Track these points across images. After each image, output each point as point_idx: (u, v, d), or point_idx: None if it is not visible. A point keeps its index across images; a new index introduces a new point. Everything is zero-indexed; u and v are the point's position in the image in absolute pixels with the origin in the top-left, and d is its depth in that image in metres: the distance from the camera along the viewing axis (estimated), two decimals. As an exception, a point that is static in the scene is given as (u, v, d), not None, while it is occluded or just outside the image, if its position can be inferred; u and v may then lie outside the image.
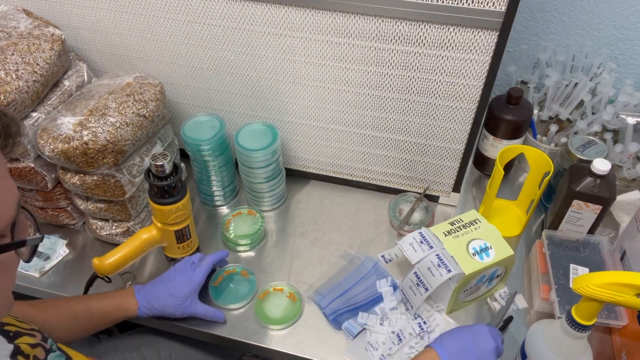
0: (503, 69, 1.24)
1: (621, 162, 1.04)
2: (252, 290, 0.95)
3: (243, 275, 0.98)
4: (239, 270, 0.98)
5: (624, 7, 1.11)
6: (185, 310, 0.87)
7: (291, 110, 1.04)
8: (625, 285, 0.61)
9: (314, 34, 0.89)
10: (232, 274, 0.98)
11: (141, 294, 0.87)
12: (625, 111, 1.09)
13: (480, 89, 0.89)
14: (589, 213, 0.93)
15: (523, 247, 1.04)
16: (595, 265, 0.92)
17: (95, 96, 0.92)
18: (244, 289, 0.96)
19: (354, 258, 1.01)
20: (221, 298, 0.94)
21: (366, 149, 1.07)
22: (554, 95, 1.13)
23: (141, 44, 1.01)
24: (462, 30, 0.81)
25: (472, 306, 0.94)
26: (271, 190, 1.07)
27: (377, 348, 0.87)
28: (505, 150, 0.99)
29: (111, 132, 0.87)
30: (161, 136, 1.02)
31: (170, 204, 0.87)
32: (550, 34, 1.20)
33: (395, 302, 0.92)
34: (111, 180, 0.91)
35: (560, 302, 0.86)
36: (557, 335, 0.71)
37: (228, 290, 0.96)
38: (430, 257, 0.86)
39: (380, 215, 1.10)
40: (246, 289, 0.96)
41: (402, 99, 0.95)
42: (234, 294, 0.95)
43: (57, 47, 0.93)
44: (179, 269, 0.90)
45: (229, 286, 0.97)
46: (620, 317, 0.85)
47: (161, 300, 0.86)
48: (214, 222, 1.10)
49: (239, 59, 0.97)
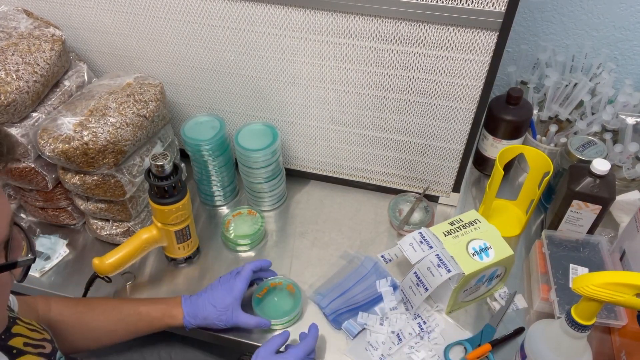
0: (503, 69, 1.24)
1: (621, 162, 1.04)
2: (297, 306, 0.90)
3: (288, 290, 0.94)
4: (285, 284, 0.94)
5: (624, 7, 1.11)
6: (228, 321, 0.85)
7: (291, 111, 1.04)
8: (624, 285, 0.62)
9: (313, 34, 0.89)
10: (277, 287, 0.94)
11: (187, 304, 0.86)
12: (625, 111, 1.09)
13: (480, 89, 0.89)
14: (588, 213, 0.94)
15: (523, 247, 1.04)
16: (594, 265, 0.92)
17: (95, 96, 0.92)
18: (288, 305, 0.92)
19: (354, 258, 1.01)
20: (264, 311, 0.90)
21: (366, 149, 1.07)
22: (553, 95, 1.13)
23: (141, 44, 1.01)
24: (461, 30, 0.81)
25: (472, 306, 0.94)
26: (271, 190, 1.07)
27: (377, 348, 0.87)
28: (505, 150, 0.99)
29: (111, 133, 0.87)
30: (161, 136, 1.02)
31: (170, 204, 0.87)
32: (550, 34, 1.20)
33: (395, 302, 0.93)
34: (111, 180, 0.91)
35: (559, 302, 0.86)
36: (557, 335, 0.71)
37: (272, 303, 0.92)
38: (430, 257, 0.86)
39: (380, 215, 1.10)
40: (290, 305, 0.92)
41: (402, 99, 0.95)
42: (277, 308, 0.92)
43: (57, 48, 0.93)
44: (223, 279, 0.88)
45: (273, 300, 0.93)
46: (619, 317, 0.85)
47: (204, 311, 0.85)
48: (214, 222, 1.11)
49: (239, 59, 0.97)
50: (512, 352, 0.87)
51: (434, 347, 0.87)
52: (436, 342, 0.88)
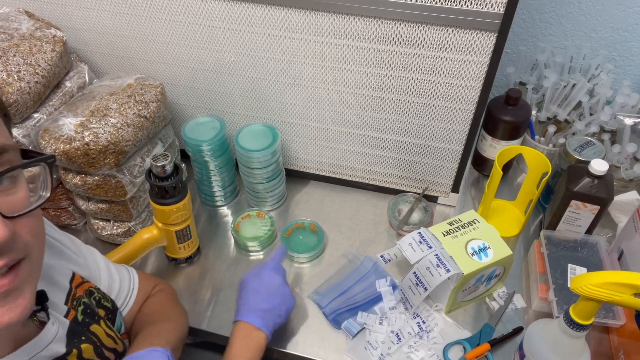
0: (501, 70, 1.24)
1: (619, 162, 1.05)
2: (320, 242, 1.02)
3: (311, 229, 1.06)
4: (307, 224, 1.06)
5: (622, 8, 1.11)
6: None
7: (291, 111, 1.04)
8: (622, 284, 0.62)
9: (313, 35, 0.89)
10: (300, 227, 1.05)
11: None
12: (623, 112, 1.09)
13: (478, 90, 0.89)
14: (586, 213, 0.94)
15: (521, 247, 1.05)
16: (593, 265, 0.92)
17: (96, 97, 0.93)
18: (313, 241, 1.04)
19: (354, 258, 1.02)
20: (291, 248, 1.01)
21: (365, 150, 1.08)
22: (552, 96, 1.13)
23: (142, 45, 1.01)
24: (460, 31, 0.82)
25: (471, 306, 0.94)
26: (271, 190, 1.08)
27: (377, 347, 0.87)
28: (504, 150, 1.00)
29: (112, 133, 0.87)
30: (162, 137, 1.03)
31: (171, 204, 0.88)
32: (549, 35, 1.21)
33: (395, 301, 0.93)
34: (112, 180, 0.92)
35: (558, 302, 0.87)
36: (555, 335, 0.71)
37: (298, 241, 1.04)
38: (429, 257, 0.86)
39: (379, 216, 1.11)
40: (314, 241, 1.03)
41: (401, 100, 0.95)
42: (303, 245, 1.03)
43: (58, 49, 0.93)
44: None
45: (299, 238, 1.04)
46: (617, 317, 0.86)
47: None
48: (214, 222, 1.11)
49: (239, 60, 0.98)
50: (510, 351, 0.87)
51: (433, 347, 0.87)
52: (435, 341, 0.88)
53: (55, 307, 0.61)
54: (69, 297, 0.64)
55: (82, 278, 0.69)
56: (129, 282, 0.80)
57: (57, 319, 0.60)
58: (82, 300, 0.66)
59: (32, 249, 0.48)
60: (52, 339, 0.57)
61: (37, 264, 0.50)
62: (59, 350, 0.58)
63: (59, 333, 0.58)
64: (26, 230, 0.46)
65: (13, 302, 0.45)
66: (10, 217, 0.44)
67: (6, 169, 0.44)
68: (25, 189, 0.47)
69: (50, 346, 0.57)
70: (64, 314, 0.62)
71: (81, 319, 0.64)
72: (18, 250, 0.45)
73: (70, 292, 0.65)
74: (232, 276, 1.00)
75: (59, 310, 0.62)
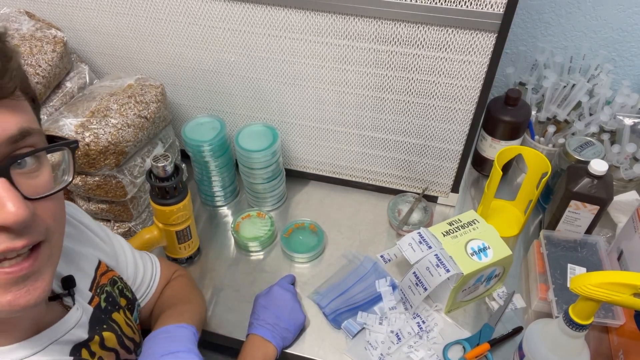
0: (501, 71, 1.24)
1: (618, 162, 1.05)
2: (320, 242, 1.02)
3: (311, 229, 1.06)
4: (307, 224, 1.06)
5: (621, 9, 1.11)
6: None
7: (291, 112, 1.04)
8: (622, 284, 0.62)
9: (313, 35, 0.89)
10: (301, 227, 1.06)
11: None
12: (623, 112, 1.09)
13: (478, 91, 0.89)
14: (586, 213, 0.94)
15: (521, 247, 1.05)
16: (592, 265, 0.93)
17: (96, 98, 0.93)
18: (313, 241, 1.04)
19: (354, 258, 1.02)
20: (291, 248, 1.01)
21: (365, 150, 1.08)
22: (551, 96, 1.13)
23: (142, 45, 1.01)
24: (460, 32, 0.82)
25: (471, 306, 0.94)
26: (271, 190, 1.08)
27: (376, 347, 0.87)
28: (504, 151, 1.00)
29: (113, 134, 0.87)
30: (162, 137, 1.03)
31: (171, 205, 0.88)
32: (548, 35, 1.21)
33: (394, 301, 0.93)
34: (113, 181, 0.92)
35: (557, 302, 0.87)
36: (555, 335, 0.72)
37: (298, 241, 1.04)
38: (429, 257, 0.86)
39: (379, 216, 1.11)
40: (314, 242, 1.04)
41: (401, 100, 0.95)
42: (304, 245, 1.03)
43: (59, 49, 0.93)
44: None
45: (299, 238, 1.04)
46: (617, 317, 0.86)
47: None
48: (214, 223, 1.11)
49: (239, 60, 0.98)
50: (510, 351, 0.88)
51: (432, 347, 0.88)
52: (435, 341, 0.88)
53: (81, 293, 0.63)
54: (93, 285, 0.66)
55: (107, 267, 0.71)
56: (152, 272, 0.83)
57: (82, 304, 0.62)
58: (105, 288, 0.68)
59: (53, 233, 0.49)
60: (75, 324, 0.58)
61: (57, 248, 0.51)
62: (82, 335, 0.59)
63: (82, 319, 0.60)
64: (48, 214, 0.47)
65: (32, 285, 0.46)
66: (31, 199, 0.45)
67: (31, 151, 0.46)
68: (49, 173, 0.48)
69: (73, 331, 0.58)
70: (88, 300, 0.64)
71: (104, 307, 0.66)
72: (39, 232, 0.46)
73: (94, 280, 0.67)
74: (232, 276, 1.00)
75: (83, 296, 0.63)
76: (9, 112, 0.44)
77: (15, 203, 0.42)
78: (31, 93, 0.50)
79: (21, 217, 0.42)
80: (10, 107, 0.45)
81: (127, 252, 0.78)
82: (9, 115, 0.44)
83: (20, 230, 0.44)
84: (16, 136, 0.44)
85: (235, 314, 0.94)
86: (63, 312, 0.59)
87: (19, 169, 0.45)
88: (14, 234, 0.43)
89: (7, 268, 0.44)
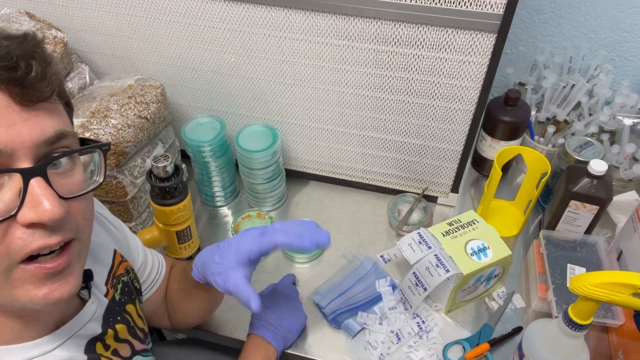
0: (501, 71, 1.24)
1: (618, 163, 1.05)
2: None
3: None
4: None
5: (620, 9, 1.12)
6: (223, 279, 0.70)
7: (291, 112, 1.04)
8: (621, 284, 0.62)
9: (313, 36, 0.89)
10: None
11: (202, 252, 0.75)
12: (622, 112, 1.09)
13: (478, 91, 0.90)
14: (586, 213, 0.94)
15: (521, 247, 1.05)
16: (592, 265, 0.93)
17: (97, 98, 0.93)
18: None
19: (354, 258, 1.02)
20: None
21: (365, 150, 1.08)
22: (551, 96, 1.13)
23: (142, 46, 1.01)
24: (460, 32, 0.82)
25: (470, 306, 0.95)
26: (271, 191, 1.08)
27: (376, 347, 0.87)
28: (503, 151, 1.00)
29: (113, 134, 0.87)
30: (162, 138, 1.03)
31: (171, 205, 0.88)
32: (548, 36, 1.21)
33: (394, 301, 0.93)
34: (113, 181, 0.92)
35: (557, 302, 0.87)
36: (554, 335, 0.72)
37: None
38: (429, 257, 0.86)
39: (379, 216, 1.11)
40: None
41: (401, 100, 0.96)
42: None
43: (59, 50, 0.94)
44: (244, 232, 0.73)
45: None
46: (616, 317, 0.86)
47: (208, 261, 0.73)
48: (214, 223, 1.11)
49: (240, 61, 0.98)
50: (510, 351, 0.88)
51: (432, 347, 0.88)
52: (435, 341, 0.88)
53: (98, 287, 0.64)
54: (110, 276, 0.67)
55: (122, 257, 0.72)
56: (158, 267, 0.83)
57: (98, 298, 0.63)
58: (122, 278, 0.69)
59: (83, 231, 0.51)
60: (91, 318, 0.60)
61: (85, 245, 0.53)
62: (96, 329, 0.61)
63: (97, 312, 0.61)
64: (79, 213, 0.50)
65: (65, 279, 0.49)
66: (66, 198, 0.47)
67: (66, 152, 0.48)
68: (81, 174, 0.51)
69: (88, 325, 0.59)
70: (104, 293, 0.65)
71: (118, 299, 0.67)
72: (71, 230, 0.48)
73: (112, 269, 0.68)
74: (232, 276, 1.00)
75: (100, 290, 0.65)
76: (47, 115, 0.46)
77: (52, 201, 0.44)
78: (66, 97, 0.52)
79: (57, 214, 0.44)
80: (48, 110, 0.47)
81: (138, 243, 0.80)
82: (46, 118, 0.46)
83: (55, 228, 0.46)
84: (53, 138, 0.46)
85: (236, 313, 0.94)
86: (80, 305, 0.60)
87: (54, 170, 0.47)
88: (49, 231, 0.45)
89: (45, 264, 0.46)
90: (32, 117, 0.45)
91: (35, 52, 0.45)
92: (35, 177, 0.44)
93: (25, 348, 0.52)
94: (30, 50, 0.44)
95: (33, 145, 0.44)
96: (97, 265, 0.65)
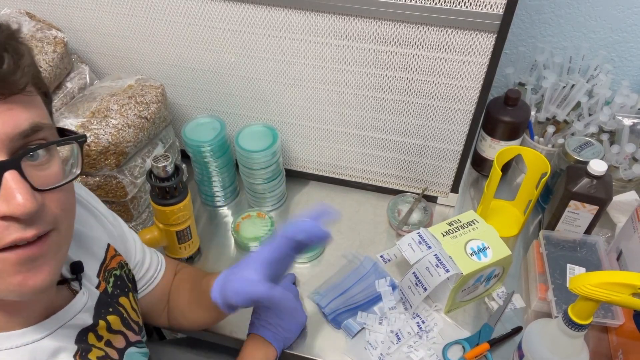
0: (501, 71, 1.24)
1: (617, 163, 1.05)
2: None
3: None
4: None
5: (620, 9, 1.12)
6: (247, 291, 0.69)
7: (291, 112, 1.05)
8: (621, 284, 0.62)
9: (313, 36, 0.89)
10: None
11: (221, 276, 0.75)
12: (622, 112, 1.09)
13: (478, 91, 0.90)
14: (585, 213, 0.94)
15: (520, 247, 1.05)
16: (591, 265, 0.93)
17: (97, 98, 0.93)
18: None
19: (353, 258, 1.02)
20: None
21: (365, 150, 1.08)
22: (551, 96, 1.13)
23: (143, 46, 1.02)
24: (460, 32, 0.82)
25: (470, 306, 0.95)
26: (271, 191, 1.08)
27: (376, 347, 0.87)
28: (503, 151, 1.00)
29: (113, 134, 0.87)
30: (162, 138, 1.03)
31: (171, 205, 0.88)
32: (548, 36, 1.21)
33: (394, 301, 0.93)
34: (113, 181, 0.92)
35: (557, 302, 0.87)
36: (554, 334, 0.72)
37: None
38: (429, 257, 0.86)
39: (379, 216, 1.11)
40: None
41: (401, 100, 0.96)
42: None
43: (59, 50, 0.94)
44: None
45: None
46: (616, 317, 0.86)
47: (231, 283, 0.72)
48: (214, 223, 1.11)
49: (240, 61, 0.98)
50: (510, 351, 0.88)
51: (432, 347, 0.88)
52: (435, 341, 0.89)
53: (88, 278, 0.65)
54: (102, 268, 0.67)
55: (116, 251, 0.72)
56: (157, 265, 0.83)
57: (89, 289, 0.63)
58: (114, 272, 0.69)
59: (61, 222, 0.50)
60: (81, 309, 0.60)
61: (66, 237, 0.53)
62: (87, 320, 0.61)
63: (88, 303, 0.61)
64: (56, 204, 0.49)
65: (38, 268, 0.48)
66: (41, 190, 0.47)
67: (41, 145, 0.48)
68: (58, 165, 0.50)
69: (79, 315, 0.59)
70: (95, 285, 0.65)
71: (111, 291, 0.67)
72: (47, 222, 0.48)
73: (104, 262, 0.68)
74: (232, 276, 1.00)
75: (91, 281, 0.65)
76: (21, 107, 0.46)
77: (25, 195, 0.44)
78: (43, 88, 0.51)
79: (29, 208, 0.44)
80: (22, 102, 0.46)
81: (136, 239, 0.80)
82: (20, 111, 0.46)
83: (30, 220, 0.46)
84: (27, 131, 0.46)
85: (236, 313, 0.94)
86: (71, 296, 0.60)
87: (30, 161, 0.47)
88: (24, 224, 0.45)
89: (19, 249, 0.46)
90: (5, 111, 0.44)
91: (8, 44, 0.44)
92: (9, 170, 0.44)
93: (12, 336, 0.52)
94: (3, 42, 0.44)
95: (7, 139, 0.44)
96: (88, 258, 0.65)
